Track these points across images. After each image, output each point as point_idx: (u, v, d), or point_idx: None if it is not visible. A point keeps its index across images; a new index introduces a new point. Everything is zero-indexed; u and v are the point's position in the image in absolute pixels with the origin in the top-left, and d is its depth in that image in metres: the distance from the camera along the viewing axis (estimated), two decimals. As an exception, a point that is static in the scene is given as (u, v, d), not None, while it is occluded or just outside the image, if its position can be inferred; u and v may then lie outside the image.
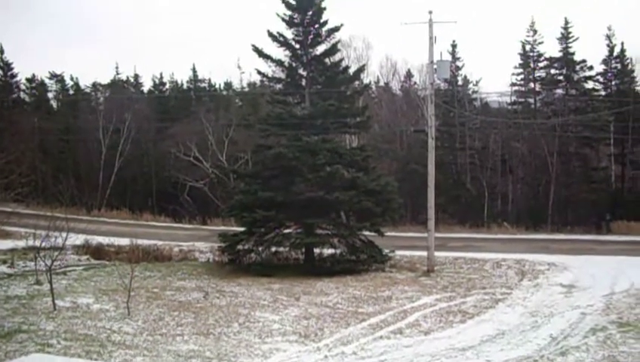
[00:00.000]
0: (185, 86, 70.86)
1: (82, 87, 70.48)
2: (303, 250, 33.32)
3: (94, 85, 71.01)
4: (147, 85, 72.16)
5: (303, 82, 34.74)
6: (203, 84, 70.50)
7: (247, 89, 66.29)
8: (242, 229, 33.75)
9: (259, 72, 36.41)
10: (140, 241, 35.03)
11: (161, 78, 70.29)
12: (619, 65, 55.81)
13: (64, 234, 24.62)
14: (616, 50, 55.23)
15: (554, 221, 49.17)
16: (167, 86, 71.05)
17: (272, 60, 34.30)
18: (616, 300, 26.19)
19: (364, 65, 45.98)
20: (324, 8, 33.76)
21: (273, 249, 33.43)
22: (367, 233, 33.60)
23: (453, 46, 55.63)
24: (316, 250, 33.63)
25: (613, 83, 56.47)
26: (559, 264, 33.51)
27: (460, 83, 58.25)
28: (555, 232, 46.54)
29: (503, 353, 18.67)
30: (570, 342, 19.87)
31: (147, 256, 33.48)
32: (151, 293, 25.81)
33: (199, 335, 20.16)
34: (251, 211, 31.82)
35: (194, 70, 69.57)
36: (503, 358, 17.96)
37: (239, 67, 67.26)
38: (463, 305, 25.28)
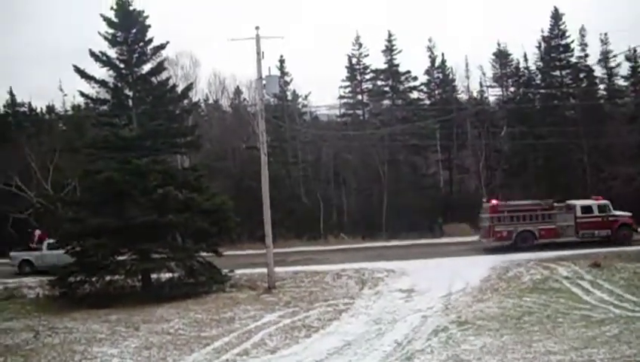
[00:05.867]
0: (2, 111, 66.49)
1: None
2: (140, 276, 31.95)
3: None
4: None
5: (130, 103, 33.48)
6: (23, 109, 66.48)
7: (71, 112, 63.24)
8: (73, 260, 31.93)
9: (82, 94, 34.82)
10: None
11: (-26, 102, 65.53)
12: (441, 75, 58.47)
13: None
14: (438, 60, 57.92)
15: (389, 228, 50.32)
16: (-18, 111, 66.27)
17: (96, 81, 32.88)
18: (454, 300, 27.23)
19: (192, 83, 45.03)
20: (149, 26, 32.81)
21: (108, 278, 31.75)
22: (204, 254, 32.78)
23: (281, 61, 56.07)
24: (153, 276, 32.38)
25: (436, 92, 59.10)
26: (397, 270, 34.23)
27: (289, 97, 58.63)
28: (390, 239, 47.60)
29: (351, 364, 18.66)
30: (415, 346, 20.26)
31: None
32: (-30, 340, 23.65)
33: (30, 380, 18.66)
34: (82, 240, 30.23)
35: (11, 93, 65.46)
36: (351, 370, 17.91)
37: (61, 89, 63.97)
38: (307, 319, 25.15)
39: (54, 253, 36.55)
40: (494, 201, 40.00)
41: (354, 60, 57.95)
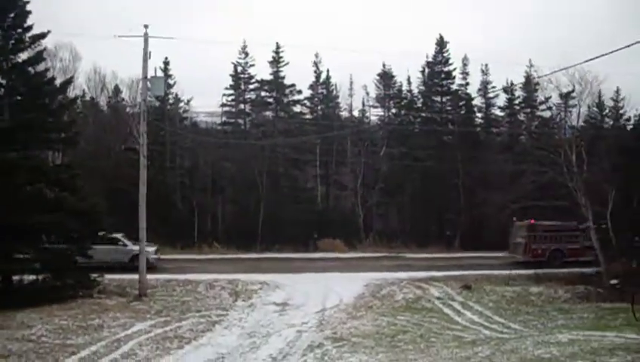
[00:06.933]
0: None
1: None
2: (0, 278, 29.94)
3: None
4: None
5: (2, 91, 31.43)
6: None
7: None
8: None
9: (-53, 79, 32.29)
10: None
11: None
12: (325, 91, 58.86)
13: None
14: (323, 76, 58.30)
15: (264, 240, 49.99)
16: None
17: (-35, 66, 30.72)
18: (328, 316, 27.25)
19: (72, 77, 43.17)
20: (29, 12, 30.80)
21: (-36, 279, 29.55)
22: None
23: (166, 63, 54.64)
24: (16, 277, 30.41)
25: (319, 108, 59.39)
26: (271, 283, 33.98)
27: (171, 101, 57.32)
28: (265, 251, 47.32)
29: (225, 379, 18.21)
30: (290, 361, 19.96)
31: None
32: None
33: None
34: None
35: None
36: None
37: None
38: (179, 330, 24.46)
39: (100, 248, 33.41)
40: (532, 221, 40.56)
41: (239, 69, 57.44)
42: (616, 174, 37.83)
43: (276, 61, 56.37)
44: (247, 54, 56.83)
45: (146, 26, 30.59)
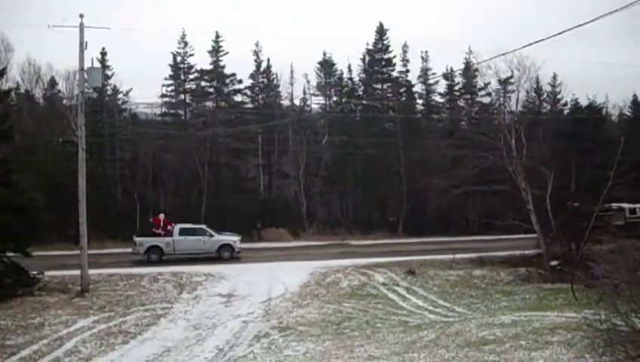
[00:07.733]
0: None
1: None
2: None
3: None
4: None
5: None
6: None
7: None
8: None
9: None
10: None
11: None
12: (265, 80, 58.61)
13: None
14: (264, 65, 58.03)
15: (207, 231, 49.52)
16: None
17: None
18: (274, 306, 27.23)
19: (4, 69, 41.76)
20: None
21: None
22: (10, 254, 30.38)
23: (103, 54, 53.62)
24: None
25: (260, 97, 59.14)
26: (216, 274, 33.74)
27: (109, 92, 56.30)
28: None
29: (172, 372, 18.03)
30: (237, 352, 20.03)
31: None
32: None
33: None
34: None
35: None
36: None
37: None
38: (123, 325, 24.16)
39: (188, 238, 34.47)
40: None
41: (178, 59, 56.70)
42: (555, 158, 38.50)
43: (216, 50, 55.83)
44: (186, 44, 56.18)
45: (81, 16, 29.89)
